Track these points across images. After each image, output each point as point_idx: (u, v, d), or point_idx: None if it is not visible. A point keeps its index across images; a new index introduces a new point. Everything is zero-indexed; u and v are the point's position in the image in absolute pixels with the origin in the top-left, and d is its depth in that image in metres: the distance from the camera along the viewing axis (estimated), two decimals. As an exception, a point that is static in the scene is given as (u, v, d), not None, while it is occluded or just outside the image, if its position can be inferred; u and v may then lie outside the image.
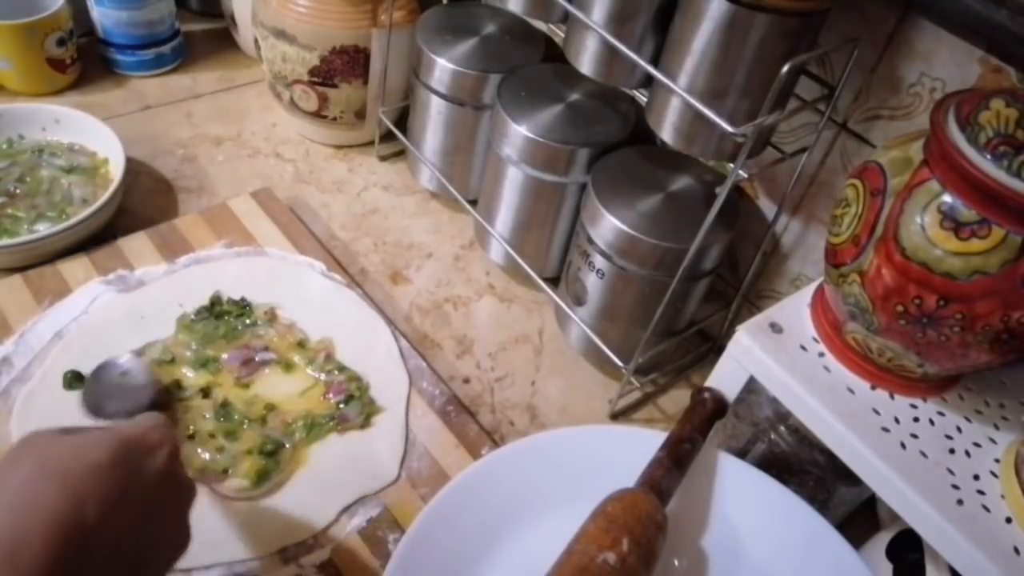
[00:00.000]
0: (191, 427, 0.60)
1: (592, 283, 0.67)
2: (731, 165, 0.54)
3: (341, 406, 0.63)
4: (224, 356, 0.65)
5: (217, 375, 0.64)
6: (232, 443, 0.59)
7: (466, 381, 0.72)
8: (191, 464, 0.58)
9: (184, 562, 0.53)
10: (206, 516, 0.56)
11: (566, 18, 0.66)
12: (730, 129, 0.51)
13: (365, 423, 0.63)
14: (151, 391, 0.60)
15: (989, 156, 0.39)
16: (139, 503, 0.38)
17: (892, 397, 0.50)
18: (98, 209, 0.71)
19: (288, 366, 0.66)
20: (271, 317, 0.69)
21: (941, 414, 0.50)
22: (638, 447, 0.54)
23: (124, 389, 0.60)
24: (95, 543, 0.36)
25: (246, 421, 0.61)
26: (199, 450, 0.59)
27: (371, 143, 0.93)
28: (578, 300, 0.70)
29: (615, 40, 0.57)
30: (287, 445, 0.60)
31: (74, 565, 0.34)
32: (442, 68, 0.75)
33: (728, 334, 0.62)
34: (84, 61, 0.93)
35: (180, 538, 0.43)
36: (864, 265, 0.45)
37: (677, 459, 0.53)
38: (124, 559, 0.37)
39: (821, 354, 0.52)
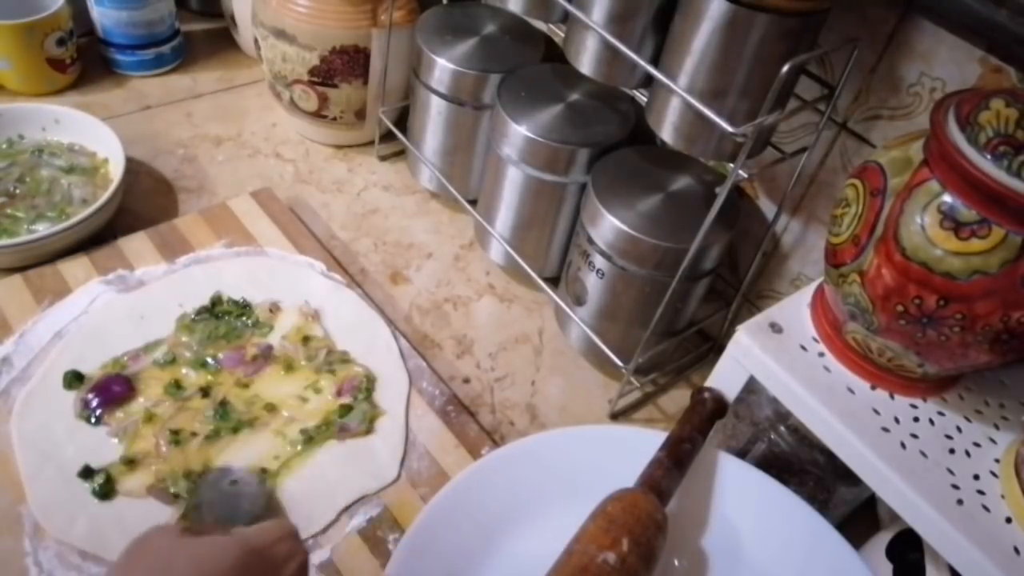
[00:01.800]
0: (188, 428, 0.60)
1: (592, 283, 0.67)
2: (731, 165, 0.54)
3: (341, 418, 0.63)
4: (224, 356, 0.65)
5: (217, 375, 0.64)
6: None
7: (466, 381, 0.72)
8: (187, 467, 0.58)
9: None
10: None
11: (566, 18, 0.66)
12: (730, 129, 0.51)
13: (368, 430, 0.63)
14: (263, 499, 0.57)
15: (989, 156, 0.39)
16: None
17: (892, 397, 0.50)
18: (98, 209, 0.71)
19: (289, 366, 0.66)
20: (271, 317, 0.69)
21: (941, 414, 0.50)
22: (638, 447, 0.54)
23: (237, 498, 0.57)
24: None
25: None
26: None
27: (371, 143, 0.93)
28: (578, 300, 0.70)
29: (615, 40, 0.57)
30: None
31: None
32: (442, 68, 0.75)
33: (728, 334, 0.62)
34: (84, 61, 0.93)
35: None
36: (864, 265, 0.45)
37: (677, 459, 0.53)
38: None
39: (821, 354, 0.52)
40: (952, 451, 0.48)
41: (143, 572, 0.35)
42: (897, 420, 0.49)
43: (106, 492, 0.55)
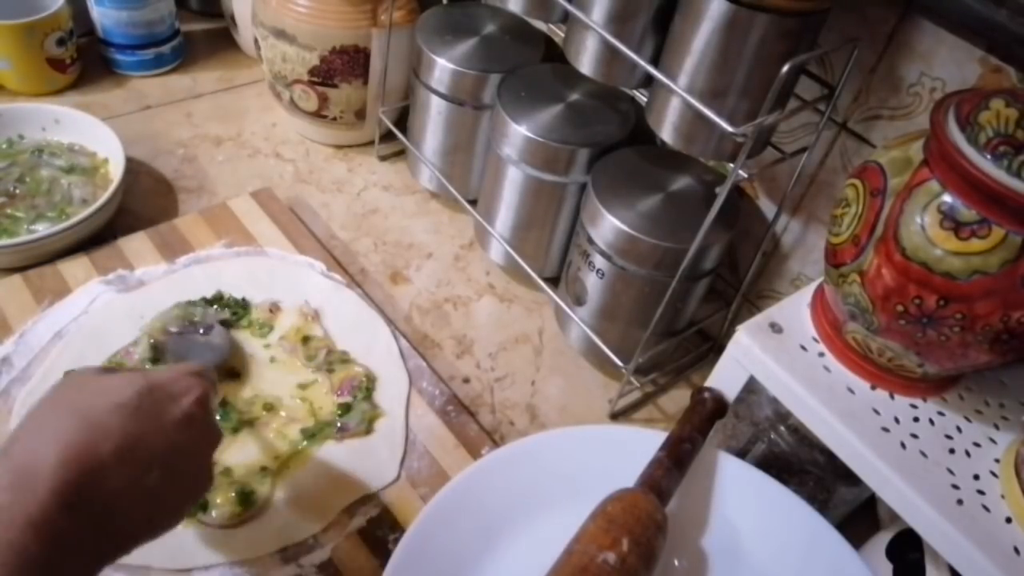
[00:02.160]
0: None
1: (592, 283, 0.67)
2: (731, 165, 0.54)
3: (340, 418, 0.63)
4: (224, 356, 0.65)
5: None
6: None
7: (466, 381, 0.72)
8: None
9: (183, 562, 0.53)
10: (206, 515, 0.56)
11: (566, 18, 0.66)
12: (730, 129, 0.51)
13: (368, 430, 0.63)
14: (221, 355, 0.63)
15: (989, 156, 0.39)
16: (159, 446, 0.40)
17: (892, 397, 0.50)
18: (98, 209, 0.71)
19: (289, 365, 0.66)
20: (271, 317, 0.69)
21: (941, 414, 0.50)
22: (638, 447, 0.54)
23: (200, 345, 0.64)
24: (108, 477, 0.37)
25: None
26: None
27: (371, 143, 0.93)
28: (578, 300, 0.70)
29: (615, 40, 0.57)
30: (260, 488, 0.58)
31: (86, 493, 0.36)
32: (442, 68, 0.75)
33: (728, 334, 0.62)
34: (84, 61, 0.93)
35: (200, 482, 0.44)
36: (864, 265, 0.45)
37: (677, 459, 0.53)
38: (140, 496, 0.39)
39: (821, 354, 0.52)
40: (952, 451, 0.48)
41: (57, 399, 0.40)
42: (897, 420, 0.49)
43: (106, 492, 0.55)
